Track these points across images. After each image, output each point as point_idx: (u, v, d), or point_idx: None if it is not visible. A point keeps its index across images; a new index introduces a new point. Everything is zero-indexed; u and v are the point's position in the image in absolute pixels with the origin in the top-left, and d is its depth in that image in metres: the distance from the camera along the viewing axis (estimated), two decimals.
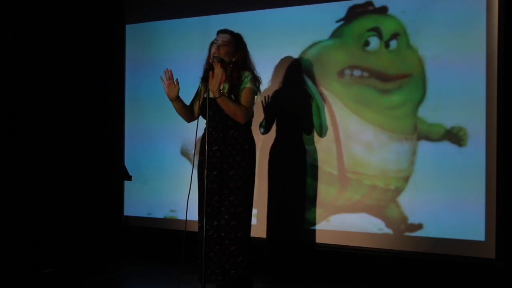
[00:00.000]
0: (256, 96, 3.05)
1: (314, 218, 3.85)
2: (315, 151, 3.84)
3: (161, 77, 2.98)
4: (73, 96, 4.70)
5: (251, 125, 3.07)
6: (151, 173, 4.57)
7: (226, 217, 2.90)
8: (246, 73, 2.96)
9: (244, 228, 2.93)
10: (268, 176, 3.89)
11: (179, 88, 2.98)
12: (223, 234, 2.89)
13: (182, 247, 2.91)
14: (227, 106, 2.86)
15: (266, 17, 4.07)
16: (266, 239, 3.92)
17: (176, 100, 3.00)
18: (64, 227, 4.54)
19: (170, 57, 4.43)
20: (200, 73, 3.02)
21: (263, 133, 3.94)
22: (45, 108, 4.48)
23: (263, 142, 3.96)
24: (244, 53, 3.01)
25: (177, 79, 2.97)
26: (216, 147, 2.93)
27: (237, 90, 2.93)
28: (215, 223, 2.91)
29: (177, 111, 3.08)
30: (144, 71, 4.65)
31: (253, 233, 3.10)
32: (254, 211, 3.15)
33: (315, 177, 3.84)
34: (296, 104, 3.91)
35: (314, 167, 3.84)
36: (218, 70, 2.79)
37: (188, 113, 3.11)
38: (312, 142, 3.85)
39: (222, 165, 2.92)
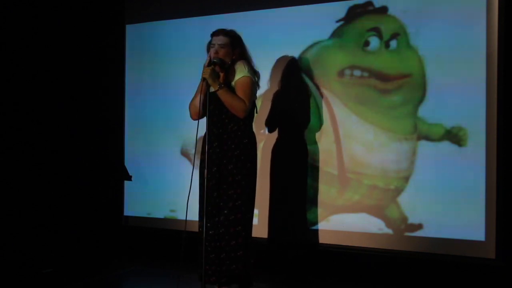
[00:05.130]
0: (256, 88, 3.00)
1: (314, 218, 3.85)
2: (315, 151, 3.84)
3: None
4: (73, 96, 4.70)
5: (252, 120, 3.03)
6: (151, 173, 4.57)
7: (225, 211, 2.86)
8: (241, 63, 2.90)
9: (243, 222, 2.89)
10: (268, 176, 3.89)
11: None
12: (222, 229, 2.85)
13: (182, 247, 2.90)
14: (225, 98, 2.83)
15: (266, 17, 4.07)
16: (266, 239, 3.91)
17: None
18: (64, 227, 4.54)
19: (170, 57, 4.44)
20: (200, 72, 3.00)
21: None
22: (45, 108, 4.48)
23: (264, 142, 3.96)
24: (241, 48, 2.99)
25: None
26: (216, 143, 2.90)
27: (234, 81, 2.89)
28: (216, 219, 2.87)
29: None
30: (144, 71, 4.65)
31: (253, 233, 3.07)
32: (255, 211, 3.11)
33: (315, 177, 3.84)
34: (296, 104, 3.90)
35: (314, 167, 3.84)
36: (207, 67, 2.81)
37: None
38: (312, 142, 3.85)
39: (221, 160, 2.89)
